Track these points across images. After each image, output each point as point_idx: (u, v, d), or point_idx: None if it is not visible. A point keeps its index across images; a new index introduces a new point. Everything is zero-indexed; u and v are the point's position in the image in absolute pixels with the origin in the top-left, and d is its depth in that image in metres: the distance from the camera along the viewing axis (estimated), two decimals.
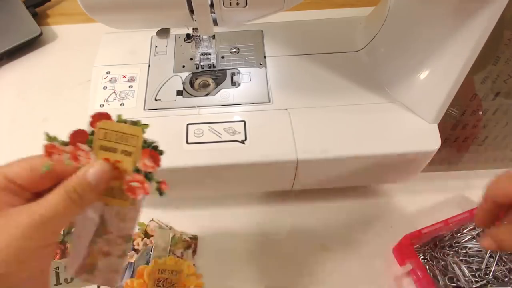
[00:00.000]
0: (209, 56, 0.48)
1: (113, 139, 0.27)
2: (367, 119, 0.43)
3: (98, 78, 0.46)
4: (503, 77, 0.40)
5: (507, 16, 0.34)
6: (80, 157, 0.27)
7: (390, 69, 0.45)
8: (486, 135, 0.46)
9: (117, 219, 0.29)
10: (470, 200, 0.52)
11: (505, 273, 0.44)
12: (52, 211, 0.25)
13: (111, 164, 0.27)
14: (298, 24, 0.52)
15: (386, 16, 0.45)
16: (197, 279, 0.46)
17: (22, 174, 0.27)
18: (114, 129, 0.27)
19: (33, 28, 0.65)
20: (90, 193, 0.27)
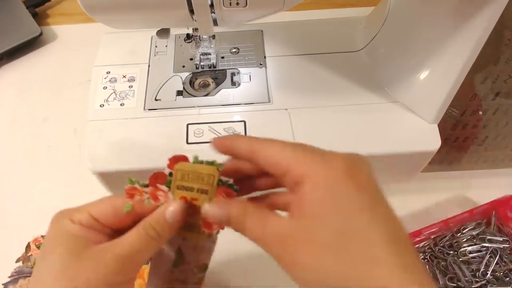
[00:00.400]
0: (209, 56, 0.48)
1: (189, 179, 0.29)
2: (367, 119, 0.43)
3: (98, 78, 0.46)
4: (503, 77, 0.40)
5: (507, 16, 0.34)
6: (159, 197, 0.29)
7: (390, 69, 0.45)
8: (486, 135, 0.46)
9: (194, 251, 0.31)
10: (470, 200, 0.52)
11: (505, 273, 0.44)
12: (133, 248, 0.27)
13: (188, 202, 0.29)
14: (298, 24, 0.52)
15: (386, 16, 0.45)
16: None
17: (106, 213, 0.29)
18: (191, 170, 0.29)
19: (33, 28, 0.65)
20: (167, 230, 0.29)
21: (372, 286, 0.22)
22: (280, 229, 0.25)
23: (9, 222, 0.51)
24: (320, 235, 0.23)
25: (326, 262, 0.23)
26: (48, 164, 0.55)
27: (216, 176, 0.28)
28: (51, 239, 0.28)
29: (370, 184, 0.24)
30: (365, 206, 0.23)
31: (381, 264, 0.22)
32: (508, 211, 0.47)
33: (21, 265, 0.47)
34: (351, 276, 0.22)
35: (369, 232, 0.22)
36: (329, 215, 0.23)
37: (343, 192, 0.23)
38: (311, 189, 0.24)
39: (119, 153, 0.41)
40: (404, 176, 0.48)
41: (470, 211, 0.47)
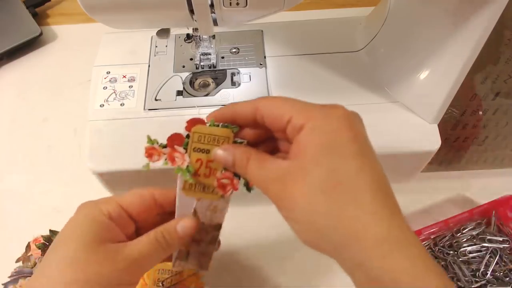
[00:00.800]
0: (209, 56, 0.48)
1: (206, 141, 0.30)
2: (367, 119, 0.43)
3: (98, 78, 0.46)
4: (503, 77, 0.40)
5: (507, 16, 0.34)
6: (176, 159, 0.31)
7: (390, 69, 0.45)
8: (486, 135, 0.46)
9: (209, 211, 0.32)
10: (470, 200, 0.52)
11: (505, 273, 0.44)
12: (142, 253, 0.29)
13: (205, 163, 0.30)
14: (298, 24, 0.52)
15: (386, 16, 0.45)
16: (197, 279, 0.46)
17: (134, 202, 0.31)
18: (207, 132, 0.30)
19: (33, 28, 0.65)
20: (176, 242, 0.31)
21: (354, 226, 0.24)
22: (279, 170, 0.26)
23: (9, 222, 0.51)
24: (314, 175, 0.25)
25: (317, 201, 0.25)
26: (48, 164, 0.55)
27: (231, 138, 0.30)
28: (70, 228, 0.29)
29: (362, 136, 0.26)
30: (357, 153, 0.25)
31: (364, 207, 0.24)
32: (508, 211, 0.47)
33: (21, 265, 0.47)
34: (336, 216, 0.24)
35: (358, 178, 0.25)
36: (325, 158, 0.25)
37: (339, 139, 0.25)
38: (310, 133, 0.25)
39: (119, 153, 0.41)
40: (404, 176, 0.48)
41: (470, 211, 0.47)
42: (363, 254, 0.24)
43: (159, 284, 0.44)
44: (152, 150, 0.31)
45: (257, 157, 0.28)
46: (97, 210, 0.30)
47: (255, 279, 0.47)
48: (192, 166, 0.31)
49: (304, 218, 0.25)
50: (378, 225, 0.24)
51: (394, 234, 0.24)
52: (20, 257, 0.48)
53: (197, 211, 0.32)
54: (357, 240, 0.24)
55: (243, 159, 0.28)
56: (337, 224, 0.24)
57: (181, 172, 0.31)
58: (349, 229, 0.24)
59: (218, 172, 0.31)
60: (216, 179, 0.31)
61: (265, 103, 0.28)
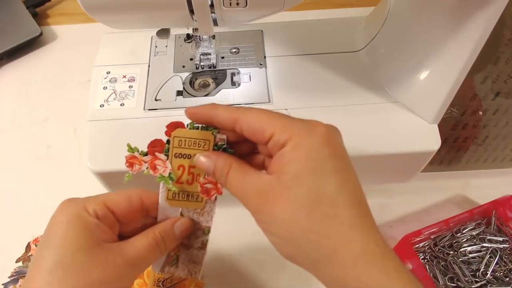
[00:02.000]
0: (209, 56, 0.48)
1: (186, 145, 0.30)
2: (367, 119, 0.43)
3: (98, 78, 0.46)
4: (503, 77, 0.40)
5: (507, 16, 0.34)
6: (158, 166, 0.30)
7: (390, 69, 0.45)
8: (486, 135, 0.46)
9: (195, 214, 0.32)
10: (470, 200, 0.52)
11: (505, 273, 0.44)
12: (140, 254, 0.29)
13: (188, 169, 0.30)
14: (298, 24, 0.52)
15: (386, 16, 0.45)
16: (197, 279, 0.46)
17: (120, 203, 0.30)
18: (187, 136, 0.30)
19: (33, 28, 0.65)
20: (173, 241, 0.31)
21: (334, 241, 0.25)
22: (260, 184, 0.27)
23: (9, 222, 0.51)
24: (296, 192, 0.25)
25: (299, 218, 0.25)
26: (48, 164, 0.55)
27: (211, 141, 0.29)
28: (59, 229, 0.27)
29: (342, 152, 0.27)
30: (337, 170, 0.26)
31: (345, 223, 0.25)
32: (508, 211, 0.47)
33: (21, 265, 0.47)
34: (318, 232, 0.25)
35: (339, 194, 0.25)
36: (306, 175, 0.25)
37: (320, 156, 0.26)
38: (292, 151, 0.26)
39: (119, 153, 0.41)
40: (404, 176, 0.48)
41: (470, 211, 0.47)
42: (341, 270, 0.25)
43: (159, 284, 0.44)
44: (133, 159, 0.31)
45: (238, 168, 0.28)
46: (82, 210, 0.28)
47: (255, 279, 0.47)
48: (174, 174, 0.30)
49: (284, 233, 0.26)
50: (357, 240, 0.25)
51: (371, 248, 0.25)
52: (20, 257, 0.48)
53: (183, 215, 0.32)
54: (336, 255, 0.25)
55: (224, 168, 0.28)
56: (318, 240, 0.25)
57: (164, 181, 0.30)
58: (328, 245, 0.25)
59: (201, 177, 0.30)
60: (199, 184, 0.30)
61: (246, 117, 0.27)
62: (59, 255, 0.26)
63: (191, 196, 0.31)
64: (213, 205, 0.32)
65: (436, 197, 0.52)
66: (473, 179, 0.53)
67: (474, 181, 0.53)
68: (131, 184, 0.42)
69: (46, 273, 0.26)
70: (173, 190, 0.31)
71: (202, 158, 0.29)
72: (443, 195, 0.52)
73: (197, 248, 0.33)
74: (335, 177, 0.26)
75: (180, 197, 0.31)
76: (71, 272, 0.26)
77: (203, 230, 0.32)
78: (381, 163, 0.43)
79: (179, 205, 0.31)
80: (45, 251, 0.27)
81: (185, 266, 0.33)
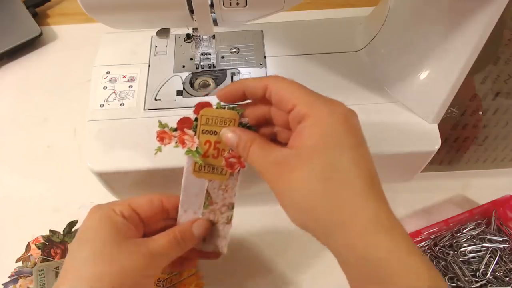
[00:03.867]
0: (209, 56, 0.48)
1: (213, 123, 0.32)
2: (367, 119, 0.43)
3: (98, 78, 0.46)
4: (503, 77, 0.40)
5: (507, 16, 0.34)
6: (186, 141, 0.33)
7: (390, 69, 0.45)
8: (486, 135, 0.46)
9: (220, 191, 0.34)
10: (470, 200, 0.52)
11: (505, 273, 0.44)
12: (163, 249, 0.32)
13: (213, 144, 0.33)
14: (298, 24, 0.52)
15: (386, 16, 0.45)
16: (197, 279, 0.46)
17: (143, 205, 0.34)
18: (214, 115, 0.32)
19: (33, 28, 0.65)
20: (191, 240, 0.34)
21: (346, 209, 0.26)
22: (279, 156, 0.29)
23: (9, 222, 0.51)
24: (313, 163, 0.27)
25: (314, 186, 0.27)
26: (48, 164, 0.55)
27: (237, 120, 0.32)
28: (92, 227, 0.31)
29: (358, 131, 0.29)
30: (353, 146, 0.27)
31: (357, 193, 0.26)
32: (508, 211, 0.47)
33: (21, 265, 0.47)
34: (332, 200, 0.26)
35: (353, 168, 0.27)
36: (324, 148, 0.27)
37: (338, 133, 0.27)
38: (311, 125, 0.28)
39: (119, 153, 0.41)
40: (404, 176, 0.48)
41: (470, 211, 0.47)
42: (351, 237, 0.26)
43: (159, 284, 0.44)
44: (163, 134, 0.33)
45: (260, 142, 0.30)
46: (110, 210, 0.32)
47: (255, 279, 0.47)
48: (201, 148, 0.33)
49: (299, 201, 0.27)
50: (368, 209, 0.26)
51: (381, 218, 0.26)
52: (20, 257, 0.48)
53: (209, 192, 0.34)
54: (348, 222, 0.26)
55: (247, 142, 0.30)
56: (331, 207, 0.26)
57: (191, 154, 0.33)
58: (342, 212, 0.26)
59: (226, 152, 0.33)
60: (224, 159, 0.33)
61: (275, 84, 0.30)
62: (92, 247, 0.30)
63: (216, 169, 0.33)
64: (236, 181, 0.34)
65: (436, 197, 0.52)
66: (473, 179, 0.53)
67: (474, 181, 0.53)
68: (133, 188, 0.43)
69: (81, 261, 0.30)
70: (199, 163, 0.33)
71: (228, 132, 0.31)
72: (443, 195, 0.52)
73: (222, 223, 0.35)
74: (350, 152, 0.27)
75: (205, 169, 0.33)
76: (102, 260, 0.29)
77: (228, 206, 0.35)
78: (381, 163, 0.43)
79: (204, 177, 0.34)
80: (80, 246, 0.31)
81: (213, 241, 0.36)
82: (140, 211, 0.33)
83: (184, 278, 0.45)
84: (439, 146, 0.42)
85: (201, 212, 0.35)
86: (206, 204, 0.35)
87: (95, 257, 0.29)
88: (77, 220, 0.50)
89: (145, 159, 0.40)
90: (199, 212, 0.35)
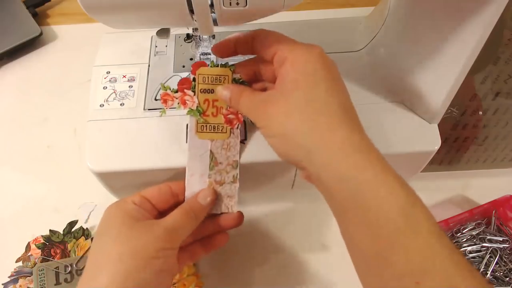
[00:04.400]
0: (209, 56, 0.48)
1: (209, 81, 0.35)
2: (367, 119, 0.43)
3: (98, 78, 0.46)
4: (503, 77, 0.40)
5: (507, 16, 0.34)
6: (187, 101, 0.35)
7: (390, 69, 0.45)
8: (486, 135, 0.46)
9: (223, 150, 0.36)
10: (470, 200, 0.52)
11: (505, 273, 0.44)
12: (176, 223, 0.34)
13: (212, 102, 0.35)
14: (298, 24, 0.52)
15: (386, 16, 0.45)
16: (197, 279, 0.46)
17: (154, 194, 0.36)
18: (209, 73, 0.35)
19: (33, 28, 0.65)
20: (201, 210, 0.36)
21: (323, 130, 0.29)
22: (264, 96, 0.32)
23: (9, 222, 0.51)
24: (293, 96, 0.30)
25: (293, 113, 0.30)
26: (48, 164, 0.55)
27: (230, 76, 0.35)
28: (108, 219, 0.34)
29: (334, 66, 0.32)
30: (329, 79, 0.31)
31: (333, 117, 0.29)
32: (508, 211, 0.47)
33: (21, 265, 0.47)
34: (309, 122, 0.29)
35: (328, 96, 0.30)
36: (303, 82, 0.30)
37: (316, 68, 0.31)
38: (292, 65, 0.31)
39: (119, 153, 0.41)
40: (404, 176, 0.48)
41: (470, 211, 0.47)
42: (329, 155, 0.28)
43: None
44: (166, 96, 0.36)
45: (250, 91, 0.34)
46: (122, 202, 0.35)
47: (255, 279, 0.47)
48: (201, 107, 0.35)
49: (281, 129, 0.30)
50: (342, 131, 0.29)
51: (356, 140, 0.29)
52: (20, 257, 0.48)
53: (213, 152, 0.36)
54: (325, 141, 0.29)
55: (238, 93, 0.34)
56: (309, 129, 0.29)
57: (192, 113, 0.35)
58: (319, 133, 0.29)
59: (224, 109, 0.35)
60: (222, 116, 0.35)
61: (260, 33, 0.34)
62: (108, 232, 0.33)
63: (217, 127, 0.36)
64: (237, 139, 0.37)
65: (436, 197, 0.52)
66: (473, 179, 0.53)
67: (474, 181, 0.53)
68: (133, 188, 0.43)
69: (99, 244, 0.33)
70: (201, 122, 0.35)
71: (222, 89, 0.35)
72: (443, 195, 0.52)
73: (229, 182, 0.37)
74: (326, 84, 0.30)
75: (207, 129, 0.36)
76: (120, 243, 0.32)
77: (232, 165, 0.37)
78: None
79: (206, 137, 0.36)
80: (99, 236, 0.34)
81: (221, 201, 0.37)
82: (150, 198, 0.36)
83: (184, 277, 0.45)
84: (439, 146, 0.42)
85: (208, 174, 0.37)
86: (211, 166, 0.37)
87: (112, 240, 0.32)
88: (77, 220, 0.50)
89: (145, 159, 0.40)
90: (206, 174, 0.37)
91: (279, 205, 0.51)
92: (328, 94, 0.30)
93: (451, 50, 0.38)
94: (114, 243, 0.32)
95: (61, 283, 0.45)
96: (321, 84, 0.30)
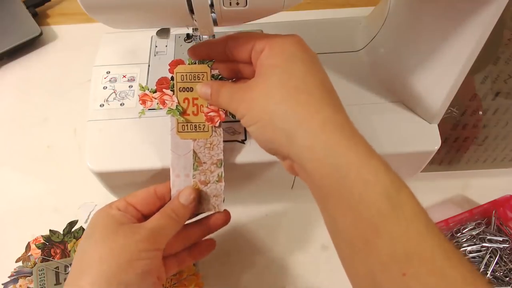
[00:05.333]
0: None
1: (188, 79, 0.34)
2: (367, 119, 0.43)
3: (98, 78, 0.46)
4: (503, 77, 0.40)
5: (507, 16, 0.34)
6: (166, 101, 0.35)
7: (390, 69, 0.45)
8: (486, 135, 0.46)
9: (206, 149, 0.36)
10: (470, 200, 0.52)
11: (505, 273, 0.44)
12: (158, 224, 0.34)
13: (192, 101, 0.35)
14: (298, 24, 0.52)
15: (386, 16, 0.45)
16: (197, 279, 0.46)
17: (137, 196, 0.36)
18: (188, 71, 0.34)
19: (33, 28, 0.65)
20: (183, 210, 0.35)
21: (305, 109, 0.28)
22: (243, 84, 0.32)
23: (9, 222, 0.51)
24: (270, 76, 0.30)
25: (272, 93, 0.29)
26: (48, 164, 0.55)
27: (209, 73, 0.34)
28: (93, 224, 0.34)
29: (311, 50, 0.32)
30: (307, 60, 0.31)
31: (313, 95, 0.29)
32: (508, 211, 0.47)
33: (21, 265, 0.47)
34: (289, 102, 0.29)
35: (307, 76, 0.30)
36: (280, 62, 0.30)
37: (293, 51, 0.31)
38: (269, 52, 0.31)
39: (119, 153, 0.41)
40: (404, 176, 0.48)
41: (470, 211, 0.47)
42: (311, 136, 0.27)
43: None
44: (145, 96, 0.35)
45: (229, 85, 0.33)
46: (107, 207, 0.35)
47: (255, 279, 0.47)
48: (180, 106, 0.34)
49: (260, 114, 0.29)
50: (324, 111, 0.28)
51: (339, 119, 0.28)
52: (20, 257, 0.48)
53: (196, 152, 0.36)
54: (306, 123, 0.28)
55: (217, 87, 0.33)
56: (290, 109, 0.28)
57: (172, 113, 0.34)
58: (300, 113, 0.28)
59: (204, 107, 0.35)
60: (203, 114, 0.35)
61: (232, 36, 0.34)
62: (93, 236, 0.33)
63: (198, 127, 0.35)
64: (219, 137, 0.36)
65: (436, 197, 0.52)
66: (473, 179, 0.53)
67: (474, 181, 0.53)
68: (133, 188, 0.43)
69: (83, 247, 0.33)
70: (181, 122, 0.35)
71: (201, 86, 0.34)
72: (443, 195, 0.52)
73: (214, 182, 0.36)
74: (305, 64, 0.30)
75: (188, 128, 0.35)
76: (103, 246, 0.32)
77: (216, 164, 0.36)
78: None
79: (188, 137, 0.35)
80: (84, 240, 0.34)
81: (207, 201, 0.37)
82: (135, 203, 0.36)
83: (184, 278, 0.45)
84: (439, 146, 0.42)
85: (192, 175, 0.36)
86: (195, 166, 0.36)
87: (97, 244, 0.32)
88: (77, 220, 0.50)
89: (145, 159, 0.40)
90: (191, 175, 0.36)
91: (279, 205, 0.51)
92: (308, 73, 0.30)
93: (451, 50, 0.38)
94: (98, 246, 0.32)
95: (61, 283, 0.45)
96: (299, 65, 0.30)
